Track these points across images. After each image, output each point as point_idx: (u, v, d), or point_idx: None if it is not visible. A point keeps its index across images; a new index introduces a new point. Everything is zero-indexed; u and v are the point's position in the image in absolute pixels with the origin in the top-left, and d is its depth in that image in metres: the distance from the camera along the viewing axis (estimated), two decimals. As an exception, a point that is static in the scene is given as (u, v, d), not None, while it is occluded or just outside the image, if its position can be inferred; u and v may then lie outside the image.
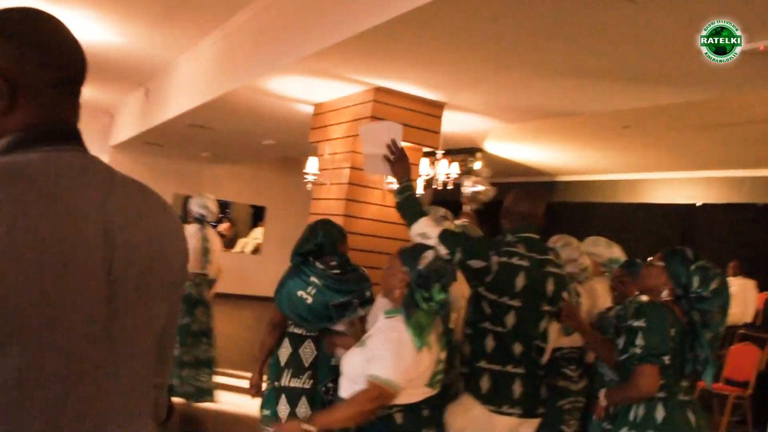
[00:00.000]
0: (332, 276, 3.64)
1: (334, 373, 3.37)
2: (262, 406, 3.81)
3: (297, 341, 3.74)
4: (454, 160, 8.29)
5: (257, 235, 17.02)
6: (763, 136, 8.60)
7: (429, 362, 2.76)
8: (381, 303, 3.36)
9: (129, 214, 1.18)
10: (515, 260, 3.17)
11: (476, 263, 3.14)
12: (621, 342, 3.04)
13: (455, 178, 8.01)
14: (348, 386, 2.82)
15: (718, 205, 11.02)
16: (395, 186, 3.47)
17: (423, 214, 3.33)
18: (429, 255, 2.82)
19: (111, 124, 14.31)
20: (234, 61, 7.57)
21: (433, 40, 4.99)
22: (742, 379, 8.04)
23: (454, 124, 7.47)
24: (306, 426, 2.65)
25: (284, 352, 3.74)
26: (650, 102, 6.36)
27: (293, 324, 3.75)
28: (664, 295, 2.97)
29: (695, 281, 2.92)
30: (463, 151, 9.99)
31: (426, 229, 3.23)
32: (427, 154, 7.38)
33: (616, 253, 4.20)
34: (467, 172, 9.58)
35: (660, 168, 11.49)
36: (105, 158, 14.38)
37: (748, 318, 9.25)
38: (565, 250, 3.96)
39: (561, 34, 4.54)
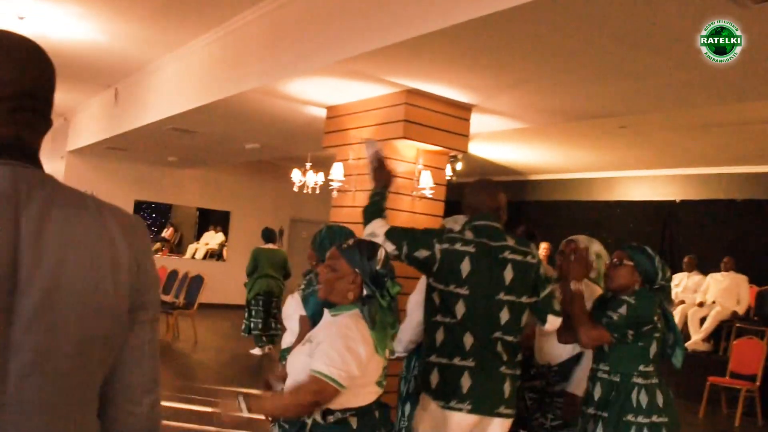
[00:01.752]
0: None
1: None
2: None
3: None
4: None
5: (208, 240, 16.54)
6: (742, 135, 8.90)
7: (379, 361, 2.68)
8: (292, 303, 3.54)
9: (44, 231, 1.18)
10: (458, 246, 3.19)
11: (421, 253, 3.21)
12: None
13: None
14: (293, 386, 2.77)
15: (697, 202, 11.25)
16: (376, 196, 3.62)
17: (380, 217, 3.45)
18: (382, 254, 2.80)
19: (66, 128, 13.58)
20: (241, 63, 7.25)
21: (483, 47, 4.95)
22: (748, 373, 8.21)
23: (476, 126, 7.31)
24: (241, 405, 2.64)
25: None
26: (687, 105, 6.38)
27: None
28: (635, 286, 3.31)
29: (661, 273, 3.21)
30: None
31: (375, 229, 3.36)
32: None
33: (597, 247, 4.16)
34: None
35: (639, 166, 11.67)
36: (59, 164, 13.67)
37: (741, 312, 9.44)
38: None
39: (613, 35, 4.54)
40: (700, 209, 11.19)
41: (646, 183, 11.97)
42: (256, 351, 10.11)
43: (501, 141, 10.25)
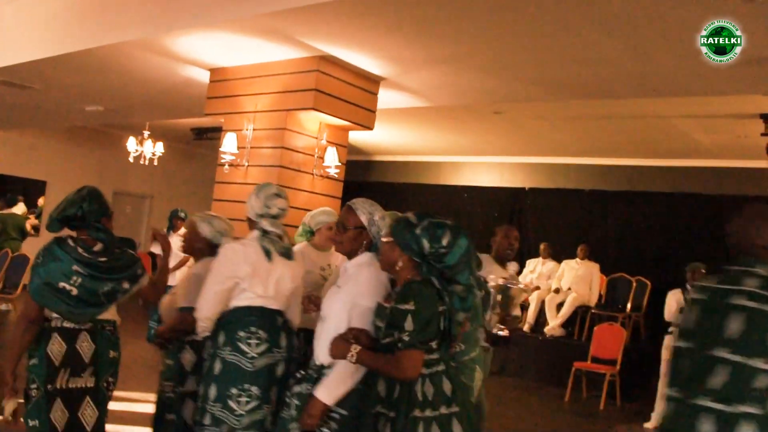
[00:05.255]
0: (99, 263, 3.32)
1: (113, 366, 3.40)
2: (27, 416, 3.25)
3: (70, 336, 3.32)
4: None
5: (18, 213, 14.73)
6: (603, 129, 9.24)
7: None
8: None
9: None
10: None
11: None
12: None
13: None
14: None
15: (546, 190, 11.53)
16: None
17: None
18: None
19: None
20: (110, 11, 6.23)
21: (414, 16, 4.73)
22: (608, 358, 8.47)
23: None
24: None
25: (56, 349, 3.29)
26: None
27: (60, 318, 3.31)
28: (399, 266, 2.81)
29: (425, 242, 2.76)
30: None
31: None
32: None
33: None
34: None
35: (489, 152, 11.77)
36: None
37: (594, 299, 9.76)
38: None
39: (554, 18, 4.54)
40: (549, 197, 11.49)
41: (495, 169, 12.13)
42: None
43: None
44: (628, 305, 9.68)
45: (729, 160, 9.96)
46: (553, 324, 9.57)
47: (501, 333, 4.63)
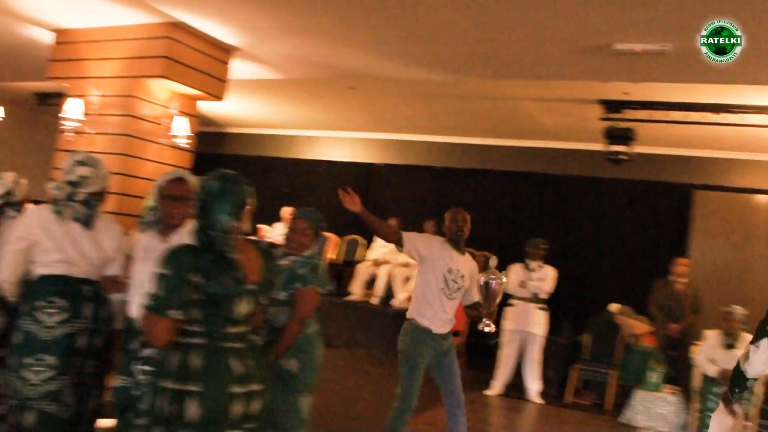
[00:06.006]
0: None
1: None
2: None
3: None
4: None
5: None
6: (453, 108, 9.50)
7: None
8: None
9: None
10: None
11: None
12: None
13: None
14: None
15: (397, 166, 11.78)
16: None
17: None
18: None
19: None
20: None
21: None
22: (454, 328, 8.81)
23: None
24: None
25: None
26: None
27: None
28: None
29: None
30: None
31: None
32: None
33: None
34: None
35: (344, 127, 11.86)
36: None
37: (441, 272, 10.10)
38: None
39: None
40: (400, 173, 11.73)
41: (349, 144, 12.22)
42: None
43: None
44: (473, 279, 10.10)
45: (571, 143, 10.49)
46: (400, 297, 9.84)
47: (487, 329, 4.70)
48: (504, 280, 4.57)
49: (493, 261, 4.64)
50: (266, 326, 3.56)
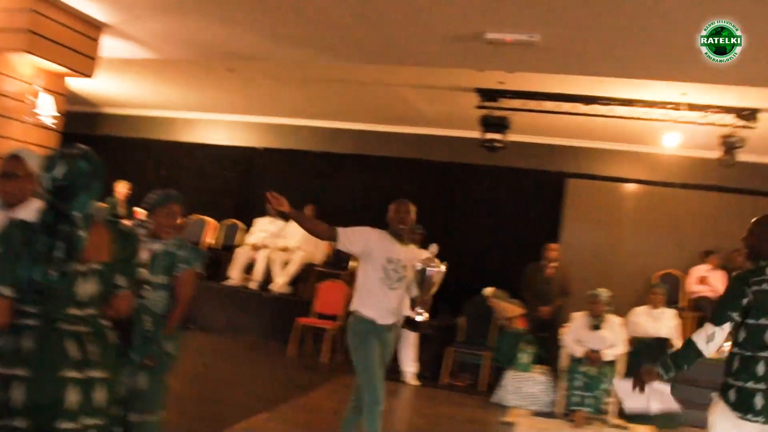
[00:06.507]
0: None
1: None
2: None
3: None
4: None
5: None
6: (333, 93, 9.56)
7: None
8: None
9: None
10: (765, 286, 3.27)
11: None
12: None
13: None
14: None
15: (277, 150, 11.67)
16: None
17: None
18: None
19: None
20: None
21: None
22: (331, 313, 8.87)
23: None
24: None
25: None
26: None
27: None
28: None
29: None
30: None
31: None
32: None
33: None
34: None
35: (224, 110, 11.63)
36: None
37: (320, 257, 10.10)
38: None
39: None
40: (280, 158, 11.63)
41: (228, 127, 11.99)
42: None
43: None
44: (351, 263, 10.14)
45: (449, 130, 10.71)
46: (279, 281, 9.77)
47: (419, 318, 4.51)
48: (443, 268, 4.46)
49: (434, 248, 4.51)
50: (149, 314, 3.58)
